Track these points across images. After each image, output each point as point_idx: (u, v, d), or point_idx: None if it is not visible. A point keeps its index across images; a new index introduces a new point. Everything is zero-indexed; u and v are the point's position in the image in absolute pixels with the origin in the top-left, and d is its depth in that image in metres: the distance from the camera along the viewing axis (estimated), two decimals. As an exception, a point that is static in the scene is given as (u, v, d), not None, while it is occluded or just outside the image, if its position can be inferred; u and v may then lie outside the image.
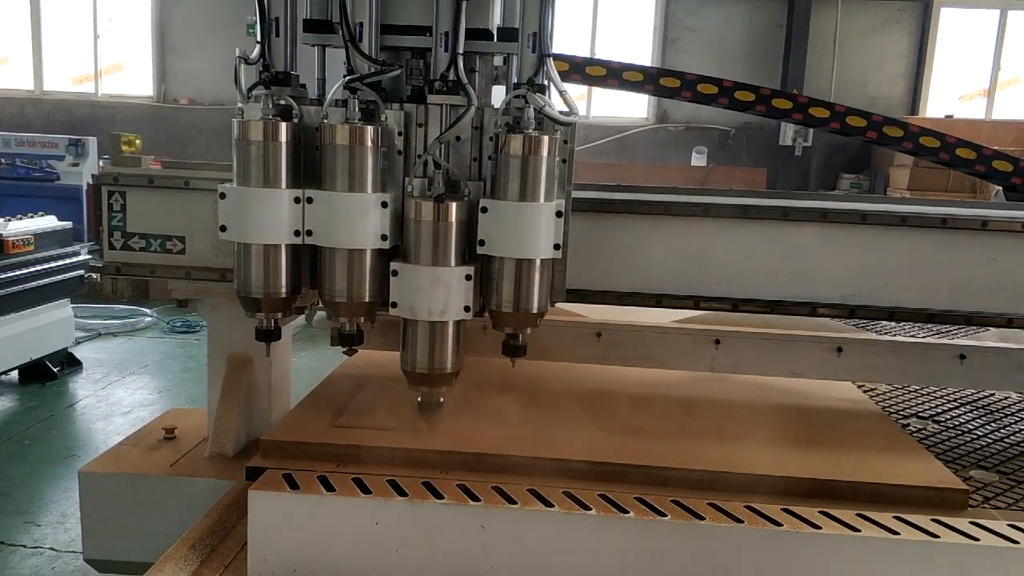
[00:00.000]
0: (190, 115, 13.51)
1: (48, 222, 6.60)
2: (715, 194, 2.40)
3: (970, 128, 11.05)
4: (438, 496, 1.85)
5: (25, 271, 6.09)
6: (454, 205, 1.83)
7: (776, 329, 2.73)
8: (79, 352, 7.06)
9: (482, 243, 1.85)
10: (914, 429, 2.72)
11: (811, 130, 11.89)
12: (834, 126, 2.67)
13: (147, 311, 8.53)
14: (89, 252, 7.02)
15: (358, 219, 1.85)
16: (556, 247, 1.86)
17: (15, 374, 6.47)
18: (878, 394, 3.05)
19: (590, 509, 1.83)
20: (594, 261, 2.28)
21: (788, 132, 12.03)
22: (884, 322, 3.33)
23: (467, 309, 1.87)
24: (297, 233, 1.89)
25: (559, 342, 2.70)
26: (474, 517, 1.82)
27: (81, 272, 6.75)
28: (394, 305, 1.88)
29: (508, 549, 1.81)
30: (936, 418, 2.83)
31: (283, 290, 1.95)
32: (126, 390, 6.56)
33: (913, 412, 2.89)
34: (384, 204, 1.86)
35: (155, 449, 2.55)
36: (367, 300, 1.92)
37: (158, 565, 1.83)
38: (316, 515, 1.85)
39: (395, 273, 1.86)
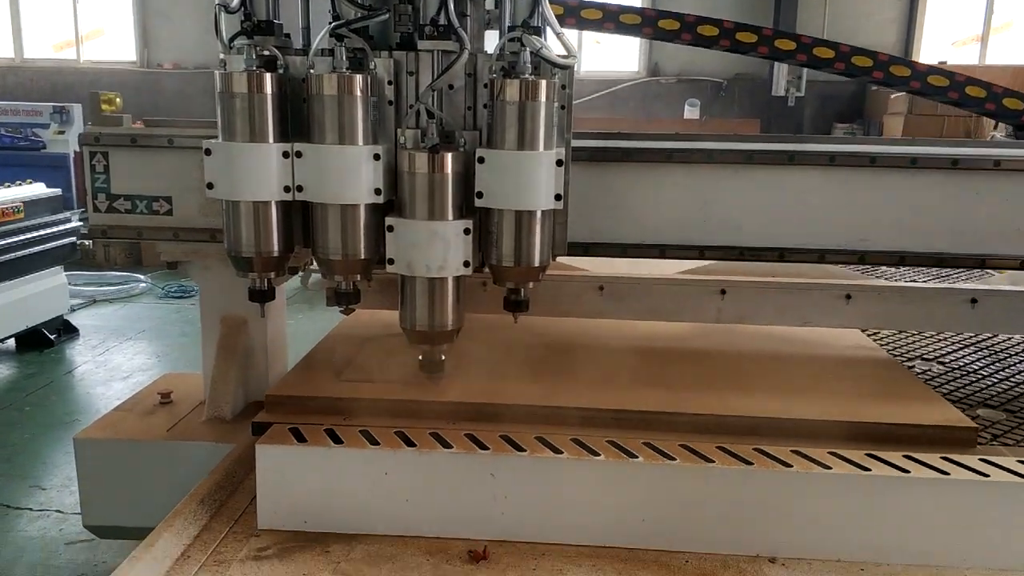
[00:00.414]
0: (174, 80, 13.25)
1: (37, 190, 6.50)
2: (718, 140, 2.31)
3: (964, 73, 10.88)
4: (446, 446, 1.84)
5: (16, 239, 5.99)
6: (449, 156, 1.74)
7: (783, 277, 2.66)
8: (75, 319, 6.98)
9: (480, 195, 1.77)
10: (919, 371, 2.67)
11: (804, 80, 11.72)
12: (839, 67, 2.57)
13: (141, 277, 8.44)
14: (80, 219, 6.92)
15: (350, 173, 1.76)
16: (557, 197, 1.77)
17: (12, 342, 6.41)
18: (881, 338, 3.00)
19: (599, 455, 1.82)
20: (595, 212, 2.21)
21: (781, 82, 11.86)
22: (893, 268, 3.28)
23: (467, 264, 1.79)
24: (287, 189, 1.81)
25: (561, 297, 2.64)
26: (483, 465, 1.81)
27: (73, 239, 6.67)
28: (391, 262, 1.80)
29: (518, 496, 1.81)
30: (940, 360, 2.79)
31: (275, 249, 1.87)
32: (124, 355, 6.51)
33: (917, 354, 2.85)
34: (376, 156, 1.76)
35: (151, 414, 2.49)
36: (363, 257, 1.84)
37: (167, 521, 1.81)
38: (324, 467, 1.84)
39: (391, 228, 1.78)
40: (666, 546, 1.80)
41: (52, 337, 6.54)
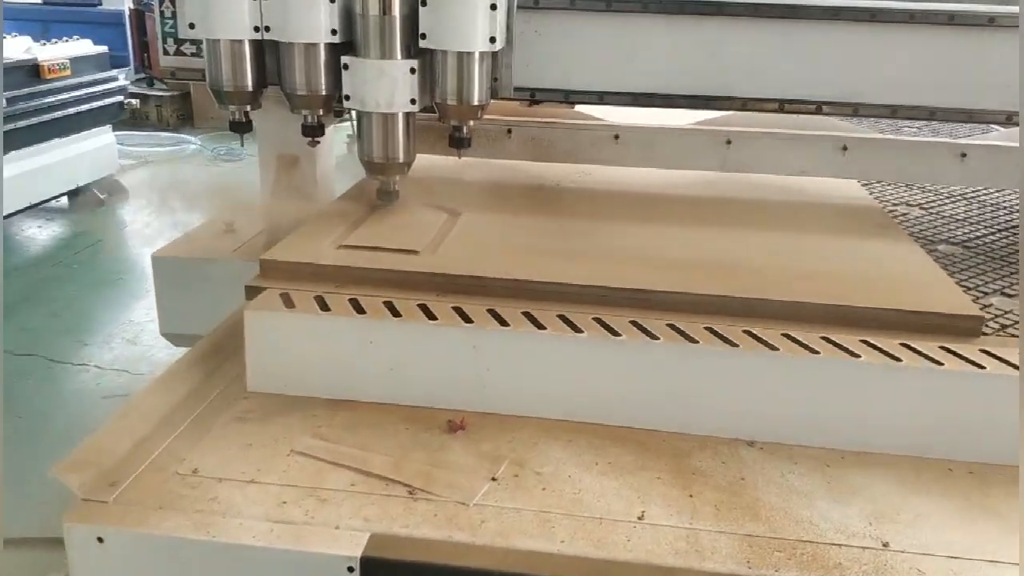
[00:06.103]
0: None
1: (83, 46, 6.85)
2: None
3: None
4: (432, 318, 1.93)
5: (63, 96, 6.40)
6: (397, -1, 2.04)
7: (785, 129, 2.91)
8: (126, 179, 7.44)
9: (423, 37, 2.09)
10: (941, 254, 2.59)
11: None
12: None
13: (191, 138, 8.93)
14: (129, 78, 7.30)
15: (309, 13, 2.10)
16: (492, 40, 2.08)
17: (64, 200, 6.93)
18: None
19: (582, 332, 1.89)
20: (609, 63, 2.46)
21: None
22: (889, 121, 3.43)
23: (413, 102, 2.14)
24: (256, 29, 2.16)
25: (578, 144, 2.96)
26: (467, 338, 1.91)
27: (120, 98, 7.05)
28: (347, 98, 2.16)
29: (500, 369, 1.92)
30: (966, 243, 2.72)
31: (249, 84, 2.24)
32: (173, 216, 6.96)
33: (943, 239, 2.76)
34: (331, -1, 2.08)
35: (217, 239, 2.91)
36: (323, 93, 2.20)
37: (160, 379, 1.98)
38: (311, 334, 1.95)
39: (346, 67, 2.13)
40: (645, 425, 1.89)
41: (102, 197, 7.09)
